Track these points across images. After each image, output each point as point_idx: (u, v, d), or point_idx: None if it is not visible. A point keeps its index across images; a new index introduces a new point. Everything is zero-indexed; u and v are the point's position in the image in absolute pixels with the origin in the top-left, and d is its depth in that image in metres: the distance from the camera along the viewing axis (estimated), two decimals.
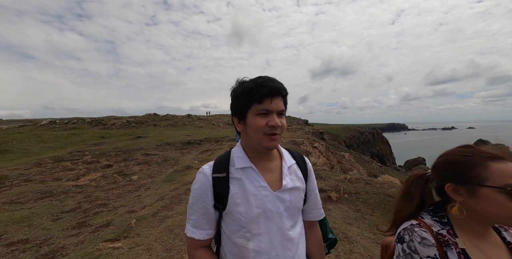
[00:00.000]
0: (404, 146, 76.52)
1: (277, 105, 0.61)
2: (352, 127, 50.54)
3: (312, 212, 0.77)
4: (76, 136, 12.34)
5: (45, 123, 16.79)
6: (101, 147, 9.22)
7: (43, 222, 3.06)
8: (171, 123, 18.71)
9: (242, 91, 0.64)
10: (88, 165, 6.64)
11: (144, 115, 22.92)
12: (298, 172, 0.73)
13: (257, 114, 0.62)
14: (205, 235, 0.66)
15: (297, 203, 0.69)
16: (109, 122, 17.93)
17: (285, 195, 0.66)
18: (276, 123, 0.60)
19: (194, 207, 0.66)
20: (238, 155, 0.69)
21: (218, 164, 0.68)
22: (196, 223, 0.66)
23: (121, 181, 5.10)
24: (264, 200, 0.64)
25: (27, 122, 18.78)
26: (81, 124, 16.23)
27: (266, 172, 0.68)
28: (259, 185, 0.65)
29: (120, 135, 12.76)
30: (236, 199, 0.63)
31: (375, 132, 43.98)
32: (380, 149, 41.81)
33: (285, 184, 0.66)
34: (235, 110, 0.68)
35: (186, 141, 9.91)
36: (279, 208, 0.65)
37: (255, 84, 0.61)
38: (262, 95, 0.60)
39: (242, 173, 0.66)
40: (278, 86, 0.62)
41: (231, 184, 0.65)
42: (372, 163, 30.49)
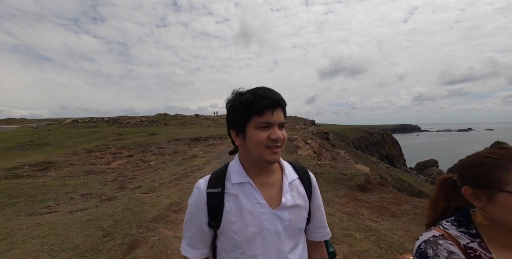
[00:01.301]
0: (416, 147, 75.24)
1: (278, 117, 0.59)
2: (362, 128, 50.68)
3: (317, 232, 0.72)
4: (98, 133, 14.25)
5: (68, 122, 19.05)
6: (121, 142, 10.93)
7: (96, 186, 4.58)
8: (180, 122, 20.49)
9: (240, 103, 0.60)
10: (113, 155, 8.26)
11: (155, 115, 24.94)
12: (300, 188, 0.68)
13: (257, 127, 0.59)
14: (199, 255, 0.65)
15: (298, 223, 0.64)
16: (124, 122, 19.97)
17: (284, 214, 0.62)
18: (279, 136, 0.59)
19: (189, 224, 0.65)
20: (235, 169, 0.66)
21: (213, 179, 0.66)
22: (190, 241, 0.65)
23: (142, 165, 6.62)
24: (261, 218, 0.60)
25: (52, 121, 21.24)
26: (100, 123, 18.30)
27: (264, 187, 0.64)
28: (257, 201, 0.61)
29: (135, 133, 14.55)
30: (230, 217, 0.60)
31: (384, 133, 43.98)
32: (390, 151, 41.79)
33: (285, 202, 0.62)
34: (232, 123, 0.64)
35: (193, 137, 11.45)
36: (277, 228, 0.61)
37: (255, 95, 0.59)
38: (262, 107, 0.58)
39: (239, 189, 0.63)
40: (279, 98, 0.60)
41: (226, 201, 0.62)
42: (379, 164, 30.85)
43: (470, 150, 35.16)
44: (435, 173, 38.31)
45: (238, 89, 0.64)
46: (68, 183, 4.67)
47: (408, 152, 51.12)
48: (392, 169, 32.70)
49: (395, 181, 27.57)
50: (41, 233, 2.59)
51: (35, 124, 19.62)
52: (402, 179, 29.96)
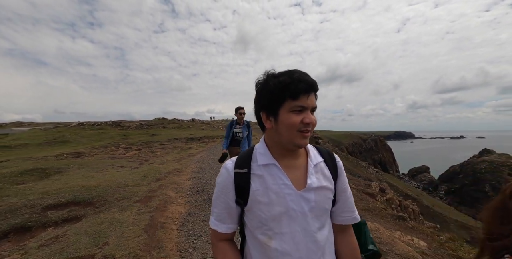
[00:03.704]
0: (410, 154, 78.16)
1: (312, 101, 0.62)
2: (357, 134, 53.45)
3: (342, 215, 0.74)
4: (105, 134, 16.87)
5: (74, 124, 21.69)
6: (127, 140, 13.53)
7: (124, 163, 7.18)
8: (177, 126, 23.19)
9: (275, 85, 0.62)
10: (125, 149, 10.86)
11: (154, 119, 27.65)
12: (325, 171, 0.71)
13: (291, 110, 0.61)
14: (227, 229, 0.71)
15: (323, 204, 0.67)
16: (126, 125, 22.63)
17: (310, 195, 0.65)
18: (312, 120, 0.61)
19: (217, 201, 0.70)
20: (261, 151, 0.70)
21: (240, 160, 0.71)
22: (219, 216, 0.70)
23: (150, 155, 9.23)
24: (287, 199, 0.64)
25: (59, 124, 23.87)
26: (105, 126, 20.96)
27: (290, 169, 0.68)
28: (282, 183, 0.65)
29: (138, 134, 17.18)
30: (257, 196, 0.65)
31: (377, 140, 46.73)
32: (383, 157, 44.37)
33: (310, 183, 0.66)
34: (264, 104, 0.66)
35: (189, 137, 14.11)
36: (303, 208, 0.64)
37: (292, 78, 0.60)
38: (299, 91, 0.60)
39: (264, 170, 0.67)
40: (314, 82, 0.62)
41: (252, 181, 0.66)
42: (368, 169, 33.36)
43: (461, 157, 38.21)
44: (427, 179, 40.74)
45: (270, 71, 0.66)
46: (104, 162, 7.29)
47: (401, 159, 53.80)
48: (381, 173, 35.21)
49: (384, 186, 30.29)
50: (111, 174, 5.21)
51: (43, 127, 22.24)
52: (390, 184, 32.93)
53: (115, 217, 2.98)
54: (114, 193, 3.87)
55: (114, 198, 3.65)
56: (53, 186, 4.19)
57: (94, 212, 3.19)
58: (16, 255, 2.25)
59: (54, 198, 3.49)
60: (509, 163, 32.53)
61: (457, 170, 37.99)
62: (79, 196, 3.60)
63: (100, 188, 4.06)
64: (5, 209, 3.10)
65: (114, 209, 3.30)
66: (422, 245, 2.69)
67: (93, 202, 3.48)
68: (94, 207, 3.36)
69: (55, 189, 3.94)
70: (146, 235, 2.59)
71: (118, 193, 3.89)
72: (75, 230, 2.67)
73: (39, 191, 3.84)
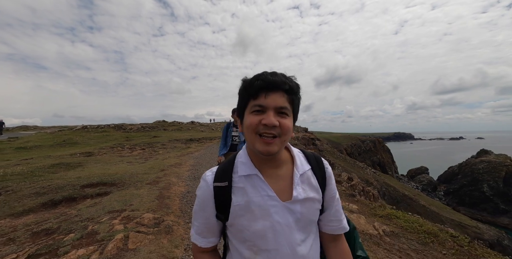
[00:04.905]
0: (409, 155, 79.30)
1: (274, 100, 0.57)
2: (356, 136, 54.57)
3: (330, 225, 0.72)
4: (109, 136, 18.17)
5: (79, 127, 23.05)
6: (131, 142, 14.81)
7: (131, 160, 8.44)
8: (177, 128, 24.51)
9: (241, 86, 0.62)
10: (130, 149, 12.13)
11: (154, 122, 28.99)
12: (312, 180, 0.68)
13: (251, 111, 0.59)
14: (207, 243, 0.69)
15: (310, 216, 0.66)
16: (128, 127, 23.96)
17: (295, 207, 0.63)
18: (270, 121, 0.56)
19: (196, 215, 0.69)
20: (242, 160, 0.67)
21: (220, 171, 0.67)
22: (198, 230, 0.68)
23: (153, 153, 10.49)
24: (271, 211, 0.62)
25: (63, 127, 25.27)
26: (108, 129, 22.29)
27: (273, 180, 0.65)
28: (265, 194, 0.62)
29: (140, 136, 18.48)
30: (238, 211, 0.62)
31: (376, 141, 47.80)
32: (382, 158, 45.37)
33: (296, 195, 0.63)
34: (237, 108, 0.66)
35: (189, 139, 15.38)
36: (288, 220, 0.62)
37: (252, 79, 0.59)
38: (256, 89, 0.57)
39: (246, 181, 0.64)
40: (277, 79, 0.57)
41: (233, 194, 0.63)
42: (366, 169, 34.38)
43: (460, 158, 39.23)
44: (425, 180, 41.61)
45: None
46: (115, 159, 8.56)
47: (401, 160, 54.80)
48: (379, 174, 36.19)
49: (381, 185, 31.56)
50: (123, 167, 6.47)
51: (48, 131, 23.63)
52: (387, 184, 33.90)
53: (133, 192, 4.22)
54: (129, 178, 5.12)
55: (130, 181, 4.90)
56: (82, 174, 5.45)
57: (117, 190, 4.43)
58: (73, 211, 3.49)
59: (87, 180, 4.74)
60: (506, 163, 33.43)
61: (455, 170, 38.87)
62: (105, 179, 4.85)
63: (118, 175, 5.30)
64: (55, 186, 4.35)
65: (131, 188, 4.53)
66: (353, 207, 3.86)
67: (115, 183, 4.73)
68: (116, 186, 4.61)
69: (85, 175, 5.19)
70: (157, 201, 3.83)
71: (133, 178, 5.14)
72: (107, 199, 3.91)
73: (73, 176, 5.10)
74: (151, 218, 3.08)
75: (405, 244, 2.82)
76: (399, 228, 3.31)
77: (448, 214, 25.45)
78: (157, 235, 2.73)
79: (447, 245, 2.76)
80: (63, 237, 2.59)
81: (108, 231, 2.68)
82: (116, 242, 2.42)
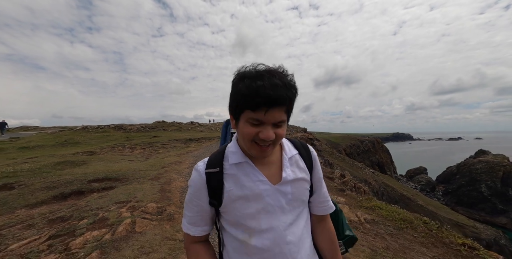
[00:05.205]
0: (408, 155, 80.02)
1: (273, 117, 0.57)
2: (355, 136, 54.95)
3: (319, 205, 0.77)
4: (109, 136, 18.50)
5: (79, 128, 23.37)
6: (131, 141, 15.14)
7: (133, 158, 8.78)
8: (177, 128, 24.85)
9: (237, 91, 0.59)
10: (131, 149, 12.46)
11: (154, 122, 29.32)
12: (300, 163, 0.73)
13: (248, 121, 0.59)
14: (201, 232, 0.71)
15: (300, 195, 0.70)
16: (127, 128, 24.28)
17: (286, 188, 0.67)
18: (267, 136, 0.58)
19: (189, 204, 0.71)
20: (232, 150, 0.70)
21: (212, 159, 0.71)
22: (191, 220, 0.71)
23: (154, 152, 10.83)
24: (264, 195, 0.65)
25: (63, 128, 25.59)
26: (108, 129, 22.62)
27: (264, 166, 0.69)
28: (257, 179, 0.66)
29: (140, 136, 18.81)
30: (232, 196, 0.65)
31: (375, 141, 48.19)
32: (380, 158, 45.76)
33: (285, 176, 0.67)
34: (229, 106, 0.65)
35: (188, 138, 15.73)
36: (280, 202, 0.66)
37: (250, 90, 0.56)
38: (255, 105, 0.56)
39: (237, 169, 0.67)
40: (279, 95, 0.55)
41: (225, 180, 0.67)
42: (364, 169, 34.75)
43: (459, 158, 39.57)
44: (424, 180, 42.00)
45: (247, 68, 0.60)
46: (117, 157, 8.91)
47: (400, 160, 55.29)
48: (377, 174, 36.55)
49: (379, 185, 31.88)
50: (125, 164, 6.82)
51: (49, 131, 23.95)
52: (386, 184, 34.26)
53: (137, 187, 4.57)
54: (132, 174, 5.47)
55: (133, 177, 5.25)
56: (87, 170, 5.80)
57: (122, 184, 4.78)
58: (83, 203, 3.83)
59: (93, 176, 5.09)
60: (504, 163, 33.77)
61: (454, 170, 39.24)
62: (110, 175, 5.20)
63: (122, 171, 5.65)
64: (64, 181, 4.70)
65: (135, 183, 4.88)
66: (340, 200, 4.21)
67: (120, 179, 5.08)
68: (121, 181, 4.95)
69: (91, 171, 5.54)
70: (159, 194, 4.18)
71: (136, 174, 5.48)
72: (113, 192, 4.26)
73: (80, 173, 5.45)
74: (154, 207, 3.44)
75: (382, 230, 3.18)
76: (380, 217, 3.66)
77: (446, 213, 25.77)
78: (160, 222, 3.09)
79: (419, 230, 3.11)
80: (77, 222, 2.94)
81: (117, 217, 3.03)
82: (125, 226, 2.77)
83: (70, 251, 2.27)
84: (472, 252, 2.58)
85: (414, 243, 2.83)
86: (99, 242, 2.42)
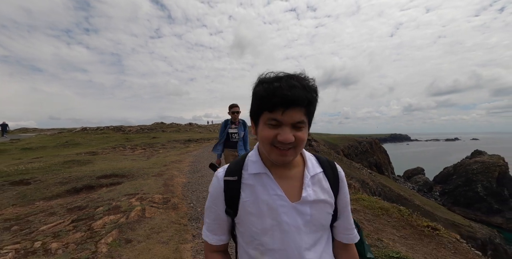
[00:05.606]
0: (406, 156, 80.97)
1: (291, 117, 0.56)
2: (353, 137, 55.58)
3: (345, 233, 0.72)
4: (109, 137, 18.89)
5: (78, 129, 23.72)
6: (132, 142, 15.56)
7: (134, 158, 9.22)
8: (175, 129, 25.28)
9: (256, 94, 0.61)
10: (132, 149, 12.88)
11: (152, 124, 29.71)
12: (324, 183, 0.68)
13: (266, 123, 0.59)
14: (218, 241, 0.70)
15: (320, 219, 0.64)
16: (126, 129, 24.67)
17: (305, 208, 0.62)
18: (286, 138, 0.56)
19: (208, 211, 0.70)
20: (253, 159, 0.68)
21: (231, 167, 0.70)
22: (210, 227, 0.70)
23: (154, 153, 11.27)
24: (280, 211, 0.61)
25: (62, 129, 25.91)
26: (107, 130, 23.01)
27: (283, 180, 0.65)
28: (274, 193, 0.63)
29: (139, 137, 19.22)
30: (247, 207, 0.63)
31: (373, 142, 48.80)
32: (378, 159, 46.33)
33: (305, 196, 0.63)
34: (251, 111, 0.65)
35: (187, 139, 16.17)
36: (297, 222, 0.61)
37: (268, 91, 0.57)
38: (272, 105, 0.56)
39: (255, 179, 0.65)
40: (296, 95, 0.55)
41: (242, 190, 0.65)
42: (362, 170, 35.28)
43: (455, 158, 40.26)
44: (421, 180, 42.61)
45: (267, 74, 0.61)
46: (119, 157, 9.34)
47: (397, 161, 56.01)
48: (375, 175, 37.09)
49: (376, 186, 32.49)
50: (129, 163, 7.27)
51: (48, 133, 24.28)
52: (383, 184, 34.88)
53: (142, 182, 5.02)
54: (137, 171, 5.92)
55: (138, 174, 5.70)
56: (95, 168, 6.24)
57: (128, 180, 5.23)
58: (95, 195, 4.28)
59: (101, 173, 5.54)
60: (499, 163, 34.44)
61: (450, 171, 39.85)
62: (116, 172, 5.65)
63: (127, 169, 6.10)
64: (74, 177, 5.14)
65: (140, 179, 5.33)
66: None
67: (126, 175, 5.53)
68: (127, 178, 5.40)
69: (98, 169, 5.99)
70: (163, 188, 4.63)
71: (140, 171, 5.94)
72: (121, 187, 4.72)
73: (88, 170, 5.90)
74: (160, 198, 3.90)
75: (362, 216, 3.65)
76: (362, 206, 4.13)
77: (442, 213, 26.30)
78: (166, 210, 3.55)
79: (393, 216, 3.59)
80: (93, 210, 3.39)
81: (128, 206, 3.49)
82: (136, 212, 3.23)
83: (93, 230, 2.72)
84: (433, 232, 3.05)
85: (387, 226, 3.30)
86: (116, 224, 2.88)
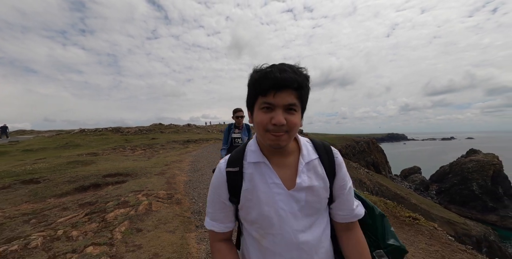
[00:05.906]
0: (403, 155, 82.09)
1: (282, 99, 0.59)
2: (350, 137, 56.17)
3: (341, 214, 0.74)
4: (108, 139, 19.10)
5: (77, 131, 23.87)
6: (131, 143, 15.81)
7: (135, 158, 9.50)
8: (174, 130, 25.53)
9: (249, 81, 0.65)
10: (132, 150, 13.15)
11: (151, 125, 29.91)
12: (319, 169, 0.70)
13: (260, 108, 0.62)
14: (224, 228, 0.74)
15: (314, 203, 0.68)
16: (125, 130, 24.86)
17: (300, 194, 0.66)
18: (279, 121, 0.59)
19: (211, 202, 0.74)
20: (252, 148, 0.72)
21: (232, 158, 0.73)
22: (214, 217, 0.74)
23: (155, 153, 11.56)
24: (276, 199, 0.65)
25: (60, 131, 26.02)
26: (106, 132, 23.19)
27: (280, 168, 0.69)
28: (272, 181, 0.66)
29: (138, 138, 19.45)
30: (247, 195, 0.67)
31: (370, 142, 49.40)
32: (375, 158, 46.92)
33: (299, 182, 0.66)
34: (247, 100, 0.68)
35: (186, 140, 16.46)
36: (293, 208, 0.66)
37: (260, 75, 0.61)
38: (265, 88, 0.59)
39: (254, 168, 0.69)
40: (286, 77, 0.58)
41: (243, 179, 0.69)
42: (359, 169, 35.79)
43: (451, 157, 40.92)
44: (418, 179, 43.24)
45: (261, 65, 0.65)
46: (120, 157, 9.62)
47: (394, 160, 56.78)
48: (372, 174, 37.62)
49: (374, 185, 32.95)
50: (131, 163, 7.57)
51: (46, 134, 24.39)
52: (380, 183, 35.43)
53: (146, 180, 5.34)
54: (140, 170, 6.23)
55: (141, 173, 6.01)
56: (99, 167, 6.53)
57: (132, 179, 5.54)
58: (102, 192, 4.59)
59: (106, 172, 5.84)
60: (494, 162, 35.10)
61: (446, 170, 40.49)
62: (120, 171, 5.96)
63: (130, 168, 6.41)
64: (81, 176, 5.44)
65: (143, 177, 5.65)
66: None
67: (130, 174, 5.83)
68: (131, 176, 5.71)
69: (103, 168, 6.29)
70: (166, 185, 4.95)
71: (143, 170, 6.25)
72: (126, 185, 5.03)
73: (93, 169, 6.19)
74: (164, 193, 4.22)
75: None
76: None
77: (438, 211, 26.80)
78: (170, 204, 3.87)
79: (379, 208, 3.94)
80: (104, 204, 3.71)
81: (135, 201, 3.81)
82: (144, 206, 3.56)
83: (107, 221, 3.04)
84: (413, 221, 3.41)
85: None
86: (127, 216, 3.20)
